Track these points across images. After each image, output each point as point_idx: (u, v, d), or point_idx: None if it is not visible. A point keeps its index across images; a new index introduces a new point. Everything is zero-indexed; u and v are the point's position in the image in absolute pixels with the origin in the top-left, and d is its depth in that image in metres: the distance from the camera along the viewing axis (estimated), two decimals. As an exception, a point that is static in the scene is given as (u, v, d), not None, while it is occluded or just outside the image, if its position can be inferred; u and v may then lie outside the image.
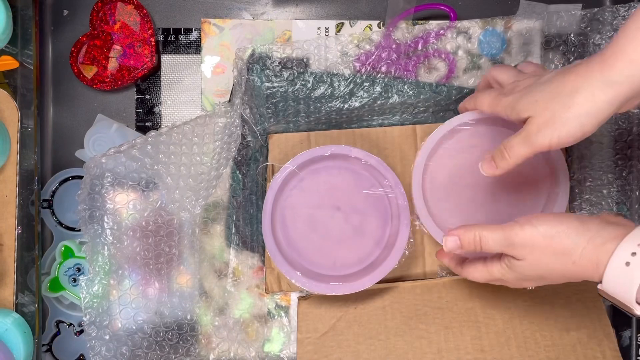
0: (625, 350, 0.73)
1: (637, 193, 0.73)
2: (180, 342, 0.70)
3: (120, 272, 0.70)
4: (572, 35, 0.73)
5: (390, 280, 0.71)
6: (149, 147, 0.68)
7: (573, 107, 0.52)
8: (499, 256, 0.59)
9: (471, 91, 0.73)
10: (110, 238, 0.69)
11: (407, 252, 0.70)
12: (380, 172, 0.69)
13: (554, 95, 0.54)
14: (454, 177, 0.71)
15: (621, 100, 0.52)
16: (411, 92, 0.72)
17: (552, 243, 0.53)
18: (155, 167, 0.69)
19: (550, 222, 0.54)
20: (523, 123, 0.57)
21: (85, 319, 0.68)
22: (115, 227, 0.70)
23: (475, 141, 0.70)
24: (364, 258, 0.70)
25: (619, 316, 0.74)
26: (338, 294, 0.69)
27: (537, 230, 0.54)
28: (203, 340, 0.72)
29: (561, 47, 0.73)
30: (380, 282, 0.70)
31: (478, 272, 0.60)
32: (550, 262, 0.54)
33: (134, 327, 0.70)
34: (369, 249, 0.70)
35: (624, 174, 0.73)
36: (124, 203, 0.70)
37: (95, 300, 0.69)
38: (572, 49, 0.73)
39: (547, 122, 0.54)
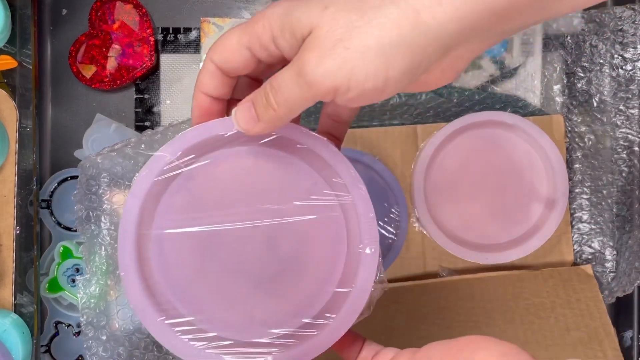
0: (627, 351, 0.73)
1: (637, 193, 0.73)
2: (179, 342, 0.70)
3: (117, 272, 0.69)
4: (568, 37, 0.73)
5: (390, 280, 0.71)
6: (143, 146, 0.68)
7: (380, 31, 0.34)
8: None
9: (472, 92, 0.73)
10: (108, 238, 0.69)
11: (374, 297, 0.44)
12: (327, 163, 0.43)
13: (355, 7, 0.35)
14: (455, 179, 0.70)
15: (451, 31, 0.35)
16: (412, 93, 0.72)
17: None
18: None
19: None
20: (294, 52, 0.37)
21: (82, 319, 0.68)
22: (113, 228, 0.69)
23: (478, 144, 0.70)
24: (302, 309, 0.44)
25: (620, 317, 0.74)
26: None
27: None
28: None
29: (559, 49, 0.73)
30: (380, 281, 0.69)
31: None
32: None
33: (131, 328, 0.69)
34: (311, 293, 0.44)
35: (623, 175, 0.73)
36: (121, 203, 0.70)
37: (92, 300, 0.69)
38: (569, 50, 0.73)
39: (335, 46, 0.34)
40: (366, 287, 0.42)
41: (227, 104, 0.43)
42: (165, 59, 0.74)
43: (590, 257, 0.73)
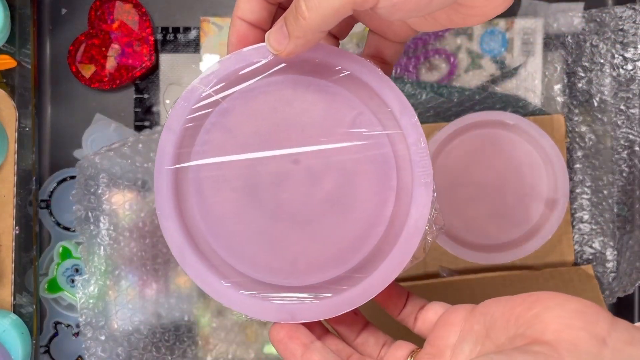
0: (626, 352, 0.73)
1: (638, 193, 0.73)
2: (177, 343, 0.70)
3: (116, 272, 0.69)
4: (569, 37, 0.73)
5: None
6: (140, 146, 0.68)
7: None
8: None
9: (473, 92, 0.72)
10: (107, 239, 0.69)
11: (429, 239, 0.41)
12: (373, 91, 0.39)
13: None
14: (455, 180, 0.70)
15: None
16: (412, 93, 0.72)
17: None
18: (145, 165, 0.68)
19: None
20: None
21: (81, 319, 0.68)
22: (112, 228, 0.69)
23: (478, 144, 0.70)
24: (349, 253, 0.40)
25: (620, 317, 0.73)
26: (302, 322, 0.39)
27: None
28: (200, 342, 0.71)
29: (559, 49, 0.73)
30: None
31: None
32: None
33: (130, 328, 0.69)
34: (358, 234, 0.40)
35: (624, 175, 0.73)
36: (120, 203, 0.69)
37: (91, 300, 0.69)
38: (570, 50, 0.73)
39: None
40: (419, 226, 0.38)
41: None
42: (165, 59, 0.74)
43: (590, 257, 0.73)
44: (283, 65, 0.39)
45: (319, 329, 0.41)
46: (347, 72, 0.39)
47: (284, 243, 0.40)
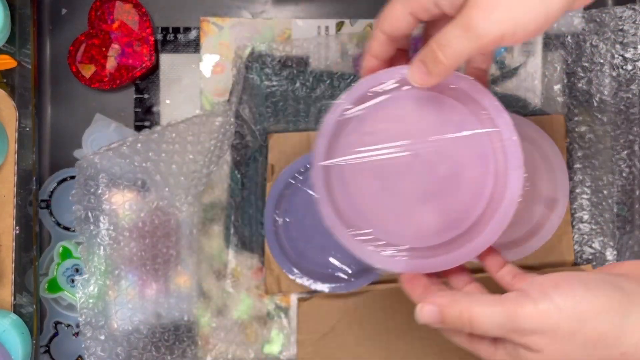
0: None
1: (637, 193, 0.73)
2: (177, 343, 0.70)
3: (116, 272, 0.69)
4: (568, 37, 0.73)
5: (390, 281, 0.71)
6: (139, 145, 0.68)
7: None
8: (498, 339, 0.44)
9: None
10: (106, 239, 0.69)
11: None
12: (474, 99, 0.50)
13: None
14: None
15: None
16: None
17: (583, 328, 0.39)
18: (144, 165, 0.68)
19: (577, 293, 0.39)
20: (456, 12, 0.43)
21: (80, 319, 0.68)
22: (112, 228, 0.69)
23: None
24: (458, 223, 0.51)
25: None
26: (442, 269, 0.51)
27: (559, 307, 0.39)
28: (200, 342, 0.71)
29: (559, 49, 0.73)
30: (380, 282, 0.69)
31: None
32: (583, 355, 0.39)
33: (130, 328, 0.69)
34: (465, 208, 0.51)
35: (624, 175, 0.73)
36: (120, 203, 0.70)
37: (91, 300, 0.69)
38: (569, 50, 0.73)
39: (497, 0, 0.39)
40: (513, 201, 0.48)
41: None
42: (165, 59, 0.74)
43: (590, 257, 0.73)
44: (407, 86, 0.50)
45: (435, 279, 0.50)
46: (455, 86, 0.50)
47: (410, 215, 0.52)
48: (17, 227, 0.69)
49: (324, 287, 0.68)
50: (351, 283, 0.69)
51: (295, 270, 0.68)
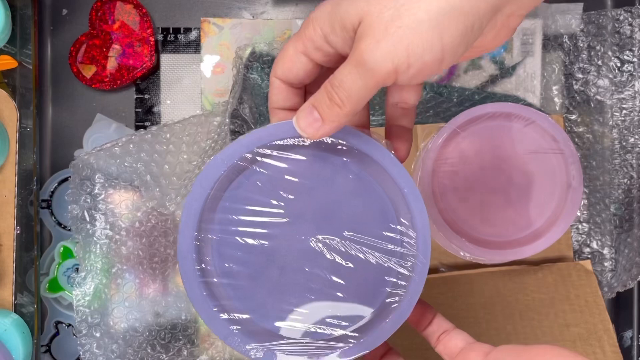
0: (626, 352, 0.73)
1: (634, 192, 0.73)
2: (173, 341, 0.70)
3: (113, 271, 0.69)
4: (566, 38, 0.73)
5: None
6: (132, 146, 0.68)
7: (429, 5, 0.35)
8: None
9: (472, 92, 0.73)
10: (103, 238, 0.69)
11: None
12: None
13: None
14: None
15: None
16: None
17: None
18: (134, 165, 0.68)
19: None
20: (349, 46, 0.38)
21: (76, 316, 0.68)
22: (108, 227, 0.69)
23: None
24: (528, 224, 0.62)
25: (620, 316, 0.74)
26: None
27: None
28: (197, 341, 0.71)
29: (557, 50, 0.73)
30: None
31: None
32: None
33: (126, 326, 0.69)
34: (534, 215, 0.62)
35: (621, 174, 0.73)
36: (116, 203, 0.70)
37: (86, 298, 0.69)
38: (567, 51, 0.73)
39: (387, 27, 0.35)
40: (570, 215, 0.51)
41: None
42: (166, 59, 0.74)
43: (589, 256, 0.73)
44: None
45: None
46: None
47: (494, 217, 0.55)
48: (18, 227, 0.69)
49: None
50: (328, 353, 0.45)
51: (227, 325, 0.44)
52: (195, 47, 0.74)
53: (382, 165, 0.44)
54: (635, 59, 0.73)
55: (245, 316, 0.45)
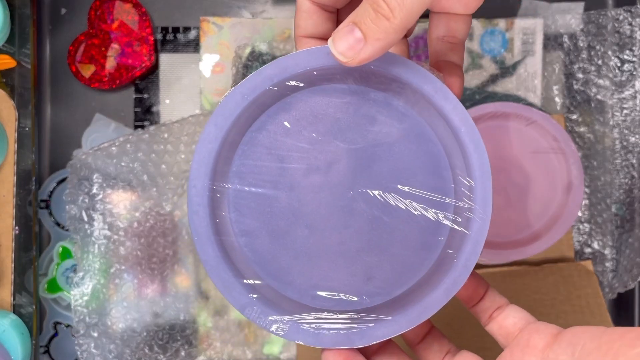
0: (626, 351, 0.73)
1: (635, 192, 0.73)
2: (170, 342, 0.70)
3: (111, 271, 0.69)
4: (566, 38, 0.73)
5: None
6: (129, 146, 0.68)
7: None
8: None
9: (472, 92, 0.73)
10: (101, 238, 0.69)
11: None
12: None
13: None
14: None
15: None
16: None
17: None
18: (131, 165, 0.68)
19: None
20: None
21: (74, 316, 0.68)
22: (106, 227, 0.69)
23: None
24: (529, 225, 0.58)
25: (621, 317, 0.74)
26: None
27: None
28: (194, 342, 0.71)
29: (558, 50, 0.73)
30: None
31: None
32: None
33: (124, 326, 0.69)
34: (534, 215, 0.59)
35: (622, 174, 0.73)
36: (114, 203, 0.69)
37: (84, 298, 0.69)
38: (568, 51, 0.73)
39: None
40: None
41: None
42: (165, 59, 0.74)
43: (590, 257, 0.73)
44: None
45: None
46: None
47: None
48: (17, 227, 0.68)
49: (300, 336, 0.37)
50: (362, 332, 0.36)
51: (245, 293, 0.37)
52: (194, 46, 0.74)
53: (434, 101, 0.36)
54: (635, 59, 0.72)
55: (266, 283, 0.38)
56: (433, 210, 0.38)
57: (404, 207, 0.37)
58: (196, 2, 0.74)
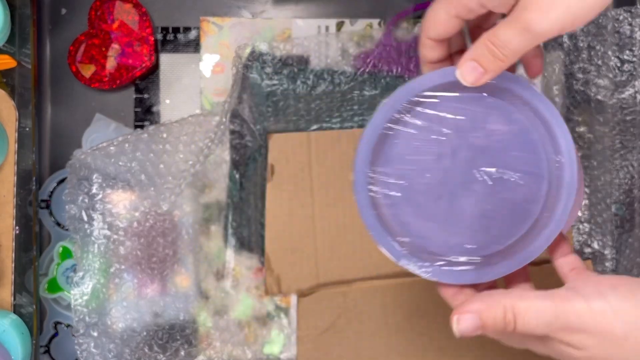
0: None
1: (635, 192, 0.73)
2: (170, 341, 0.70)
3: (111, 271, 0.69)
4: (565, 38, 0.73)
5: (389, 277, 0.71)
6: (127, 145, 0.68)
7: None
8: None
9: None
10: (101, 237, 0.69)
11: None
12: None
13: None
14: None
15: None
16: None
17: (636, 332, 0.38)
18: (129, 165, 0.68)
19: (634, 296, 0.39)
20: (506, 9, 0.43)
21: (74, 316, 0.68)
22: (106, 227, 0.69)
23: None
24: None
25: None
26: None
27: (614, 310, 0.38)
28: (194, 341, 0.71)
29: (557, 50, 0.73)
30: (380, 278, 0.70)
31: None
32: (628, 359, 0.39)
33: (123, 326, 0.69)
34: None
35: (621, 175, 0.73)
36: (114, 203, 0.70)
37: (84, 298, 0.69)
38: (567, 51, 0.73)
39: (554, 0, 0.40)
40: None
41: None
42: (165, 59, 0.74)
43: (590, 257, 0.73)
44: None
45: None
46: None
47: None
48: (17, 227, 0.69)
49: (439, 275, 0.49)
50: (484, 271, 0.49)
51: (398, 248, 0.49)
52: (194, 46, 0.74)
53: (532, 103, 0.48)
54: (635, 59, 0.73)
55: (411, 240, 0.50)
56: (533, 181, 0.49)
57: (512, 180, 0.49)
58: (196, 2, 0.75)
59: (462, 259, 0.49)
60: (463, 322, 0.43)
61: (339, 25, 0.74)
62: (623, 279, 0.41)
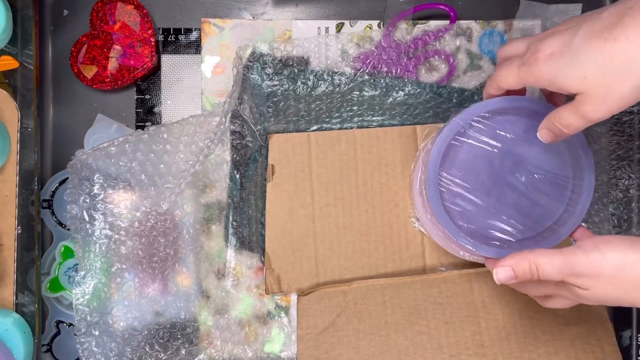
0: (625, 351, 0.74)
1: (631, 192, 0.73)
2: (171, 340, 0.70)
3: (112, 270, 0.70)
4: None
5: (389, 276, 0.71)
6: (127, 146, 0.69)
7: (631, 80, 0.48)
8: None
9: (472, 93, 0.73)
10: (102, 237, 0.69)
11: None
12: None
13: (606, 72, 0.49)
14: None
15: None
16: (412, 93, 0.72)
17: (622, 274, 0.50)
18: (129, 165, 0.69)
19: (620, 248, 0.51)
20: (562, 94, 0.58)
21: (76, 315, 0.69)
22: (107, 227, 0.70)
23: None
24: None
25: (619, 316, 0.74)
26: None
27: (605, 257, 0.51)
28: (195, 340, 0.71)
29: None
30: (380, 277, 0.70)
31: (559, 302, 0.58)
32: (620, 294, 0.51)
33: (124, 325, 0.70)
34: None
35: (618, 174, 0.74)
36: (115, 203, 0.70)
37: (86, 297, 0.69)
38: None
39: (604, 98, 0.50)
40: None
41: None
42: (166, 60, 0.75)
43: (588, 256, 0.73)
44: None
45: None
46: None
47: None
48: (19, 227, 0.69)
49: (488, 252, 0.63)
50: (517, 248, 0.61)
51: (457, 230, 0.63)
52: (195, 47, 0.75)
53: None
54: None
55: (468, 225, 0.64)
56: (561, 181, 0.64)
57: (545, 179, 0.64)
58: (197, 3, 0.75)
59: (504, 239, 0.64)
60: (501, 273, 0.56)
61: (339, 27, 0.75)
62: (617, 237, 0.52)
